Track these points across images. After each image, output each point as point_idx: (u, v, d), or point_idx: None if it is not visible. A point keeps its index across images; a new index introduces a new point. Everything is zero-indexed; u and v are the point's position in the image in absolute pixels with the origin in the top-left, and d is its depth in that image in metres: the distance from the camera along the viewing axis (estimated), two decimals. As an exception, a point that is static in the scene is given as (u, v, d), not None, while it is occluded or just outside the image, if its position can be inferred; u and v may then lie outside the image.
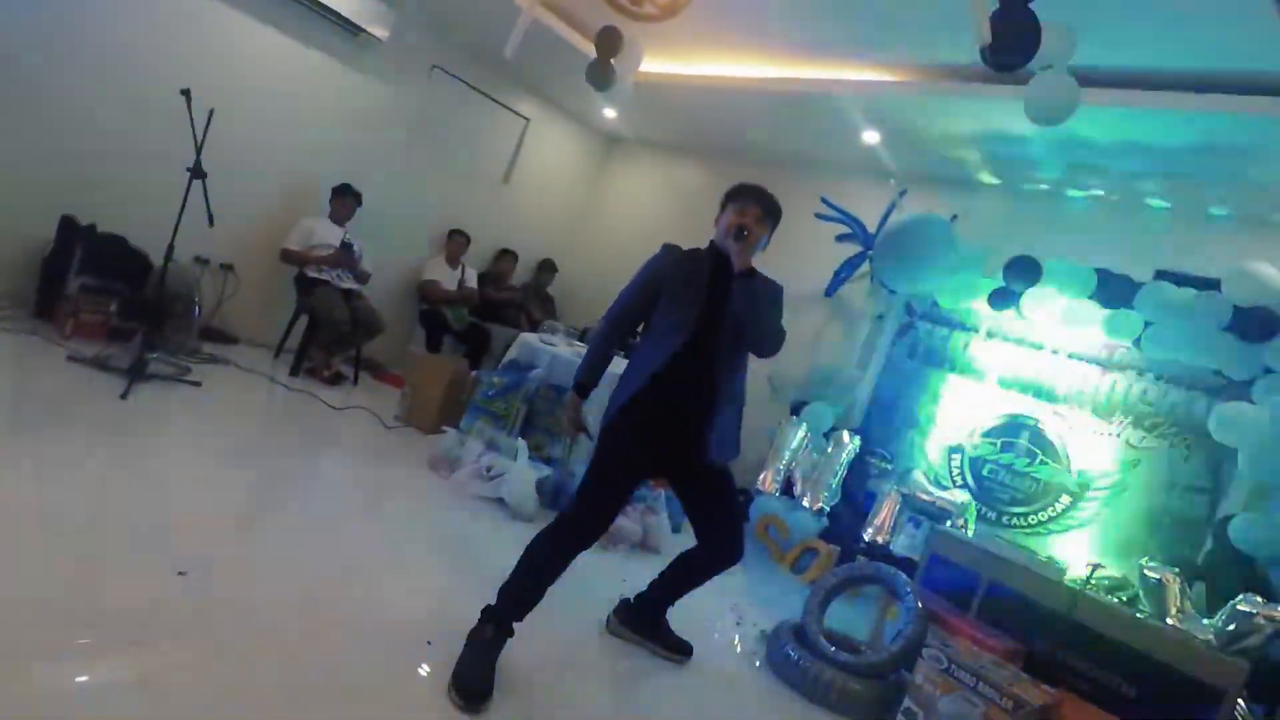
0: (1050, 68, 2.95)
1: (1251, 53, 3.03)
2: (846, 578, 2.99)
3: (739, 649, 2.86)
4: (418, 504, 3.37)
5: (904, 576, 2.90)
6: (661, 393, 2.14)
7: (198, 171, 3.51)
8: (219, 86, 4.28)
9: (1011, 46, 2.54)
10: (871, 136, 4.83)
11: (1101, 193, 4.53)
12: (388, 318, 5.11)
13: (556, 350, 4.28)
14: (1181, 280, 3.86)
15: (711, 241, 2.26)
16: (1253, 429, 3.42)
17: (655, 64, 4.98)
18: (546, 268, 6.69)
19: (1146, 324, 3.85)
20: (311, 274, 4.76)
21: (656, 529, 3.71)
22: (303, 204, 5.03)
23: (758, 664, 2.75)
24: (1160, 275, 4.02)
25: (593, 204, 7.25)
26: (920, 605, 2.74)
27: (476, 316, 5.80)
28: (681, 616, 2.60)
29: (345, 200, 4.98)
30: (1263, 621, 2.62)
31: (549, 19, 4.68)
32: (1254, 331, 3.52)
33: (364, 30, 4.90)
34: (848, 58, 4.19)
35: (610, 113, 6.35)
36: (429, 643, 2.09)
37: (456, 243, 5.79)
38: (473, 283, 5.89)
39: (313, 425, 3.97)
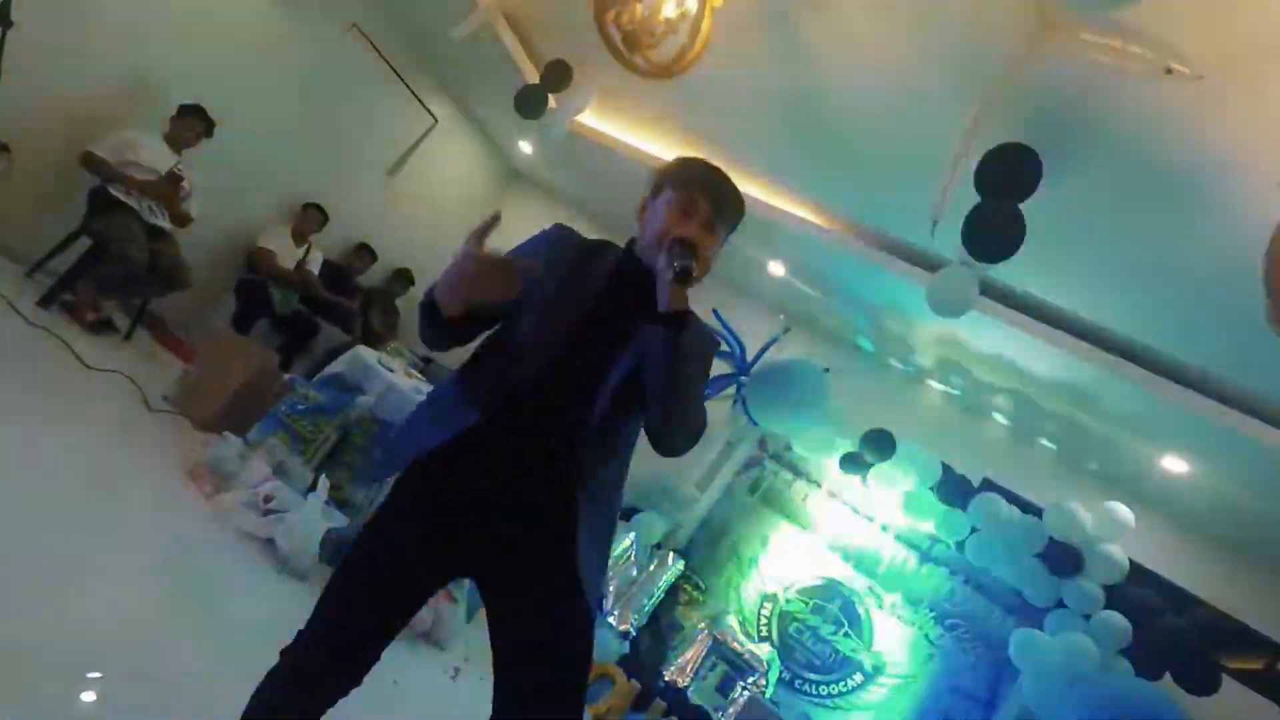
0: (965, 264, 3.02)
1: (1134, 323, 3.32)
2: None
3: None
4: (158, 516, 2.61)
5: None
6: (489, 445, 1.30)
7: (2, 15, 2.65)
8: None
9: (991, 242, 2.54)
10: (777, 268, 4.84)
11: (958, 393, 4.81)
12: (195, 275, 4.20)
13: (394, 378, 3.68)
14: (1009, 497, 4.09)
15: (631, 241, 1.47)
16: (1044, 658, 3.58)
17: (595, 119, 4.72)
18: (403, 278, 6.00)
19: (973, 529, 4.00)
20: (115, 194, 3.79)
21: (448, 618, 3.15)
22: (136, 112, 4.07)
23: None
24: (986, 484, 4.25)
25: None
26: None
27: (307, 306, 4.98)
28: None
29: (191, 124, 4.09)
30: None
31: (502, 27, 4.28)
32: (1062, 565, 3.75)
33: (286, -48, 4.20)
34: (780, 182, 4.17)
35: (527, 147, 5.96)
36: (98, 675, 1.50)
37: (310, 217, 5.01)
38: (315, 268, 5.09)
39: (47, 380, 3.03)
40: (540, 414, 1.32)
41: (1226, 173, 2.36)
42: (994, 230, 2.47)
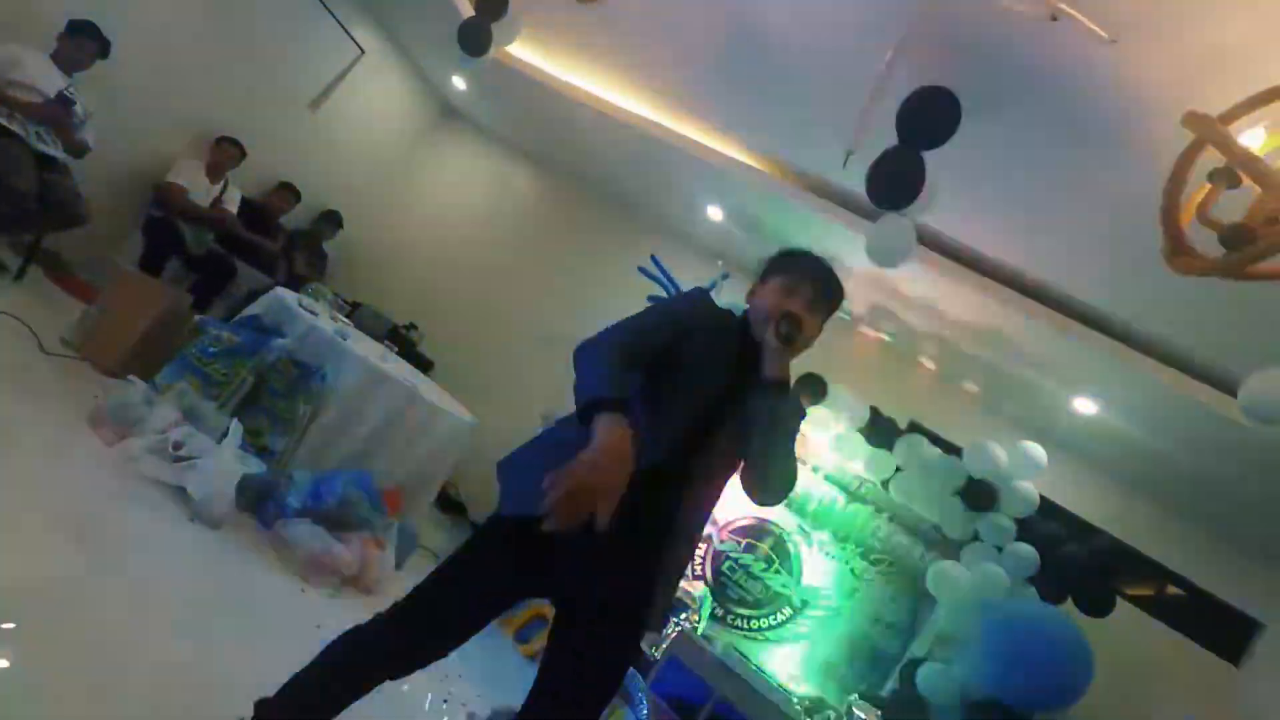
0: (903, 216, 3.05)
1: (1048, 267, 3.42)
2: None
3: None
4: (55, 465, 2.47)
5: (640, 681, 2.65)
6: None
7: None
8: None
9: (898, 187, 2.54)
10: (715, 212, 4.80)
11: (888, 338, 4.91)
12: (96, 211, 3.91)
13: (316, 321, 3.54)
14: (932, 438, 4.23)
15: (745, 314, 1.64)
16: (957, 587, 3.77)
17: (527, 52, 4.53)
18: (330, 220, 5.73)
19: (897, 469, 4.14)
20: (-2, 118, 3.47)
21: (378, 565, 3.11)
22: (19, 27, 3.70)
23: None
24: (913, 426, 4.40)
25: (407, 170, 6.44)
26: (650, 718, 2.50)
27: (224, 247, 4.72)
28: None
29: (82, 43, 3.74)
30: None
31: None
32: (978, 501, 3.92)
33: None
34: (720, 127, 4.11)
35: (460, 83, 5.70)
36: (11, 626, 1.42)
37: (225, 152, 4.70)
38: (233, 206, 4.80)
39: (-77, 319, 2.81)
40: (662, 471, 1.42)
41: (1141, 117, 2.41)
42: (895, 177, 2.48)
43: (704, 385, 1.49)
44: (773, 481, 1.53)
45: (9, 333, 3.08)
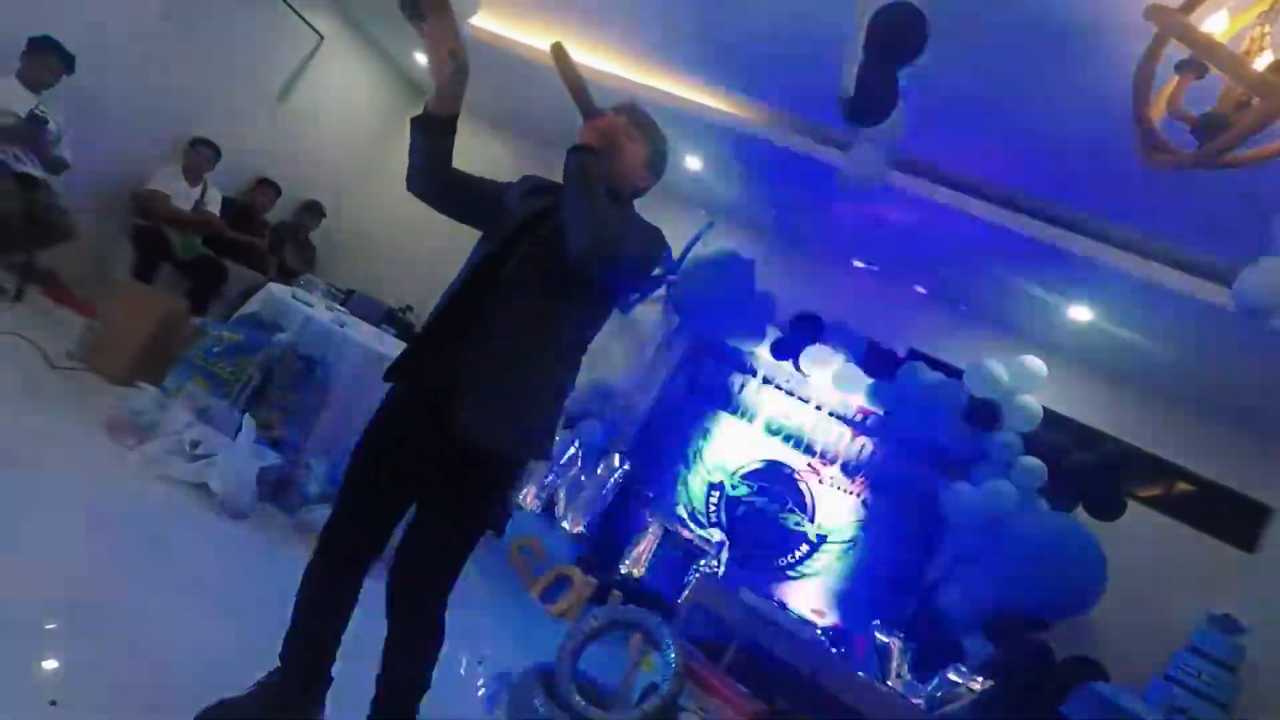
0: (874, 142, 3.05)
1: (1033, 179, 3.42)
2: (606, 623, 2.76)
3: (481, 692, 2.50)
4: (81, 475, 2.54)
5: (666, 627, 2.74)
6: (444, 339, 1.58)
7: None
8: None
9: (869, 105, 2.54)
10: (694, 162, 4.78)
11: (877, 268, 4.92)
12: (83, 225, 3.93)
13: (313, 313, 3.58)
14: (932, 363, 4.27)
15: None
16: (969, 506, 3.85)
17: (488, 19, 4.48)
18: (312, 210, 5.73)
19: (901, 398, 4.19)
20: (-30, 143, 3.48)
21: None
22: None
23: (497, 713, 2.41)
24: (912, 354, 4.44)
25: (381, 154, 6.39)
26: (678, 661, 2.59)
27: (212, 249, 4.74)
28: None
29: (46, 60, 3.73)
30: (965, 691, 2.87)
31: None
32: (982, 421, 3.98)
33: None
34: (691, 75, 4.08)
35: (423, 59, 5.62)
36: (52, 703, 1.46)
37: (201, 155, 4.69)
38: (215, 207, 4.81)
39: (-71, 349, 2.86)
40: (489, 297, 1.57)
41: (1105, 14, 2.39)
42: (869, 94, 2.47)
43: (512, 217, 1.66)
44: (574, 236, 1.50)
45: (16, 352, 3.14)
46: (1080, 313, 4.04)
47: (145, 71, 4.47)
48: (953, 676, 2.91)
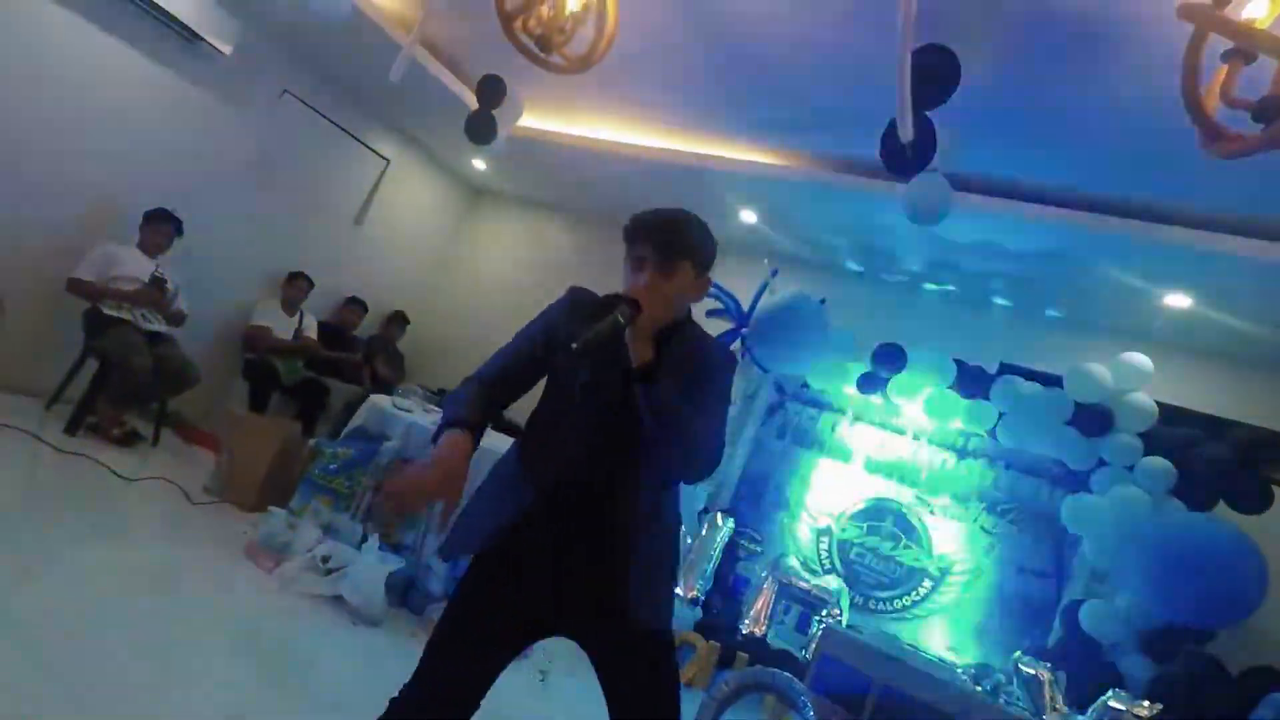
0: (933, 170, 3.06)
1: (1096, 177, 3.35)
2: (738, 687, 2.74)
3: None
4: (229, 600, 2.74)
5: (799, 684, 2.69)
6: (557, 507, 1.43)
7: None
8: (10, 78, 3.51)
9: (907, 154, 2.57)
10: (749, 216, 4.88)
11: (953, 288, 4.84)
12: (204, 369, 4.32)
13: (412, 417, 3.79)
14: (1027, 375, 4.13)
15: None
16: (1097, 518, 3.65)
17: (533, 119, 4.77)
18: (397, 321, 6.10)
19: (1000, 415, 4.05)
20: (108, 311, 3.93)
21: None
22: (104, 229, 4.18)
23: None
24: (1004, 368, 4.29)
25: (453, 256, 6.80)
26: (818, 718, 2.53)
27: (313, 371, 5.10)
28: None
29: (160, 228, 4.21)
30: (1131, 717, 2.68)
31: (426, 57, 4.33)
32: (1092, 426, 3.79)
33: (203, 40, 4.26)
34: (732, 136, 4.21)
35: (480, 164, 6.02)
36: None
37: (296, 287, 5.12)
38: (312, 332, 5.20)
39: (91, 498, 3.17)
40: (576, 480, 1.43)
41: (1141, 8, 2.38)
42: (905, 145, 2.50)
43: (586, 389, 1.43)
44: (676, 466, 1.44)
45: (162, 493, 3.46)
46: (1178, 300, 3.85)
47: (241, 220, 4.96)
48: (1114, 704, 2.71)
